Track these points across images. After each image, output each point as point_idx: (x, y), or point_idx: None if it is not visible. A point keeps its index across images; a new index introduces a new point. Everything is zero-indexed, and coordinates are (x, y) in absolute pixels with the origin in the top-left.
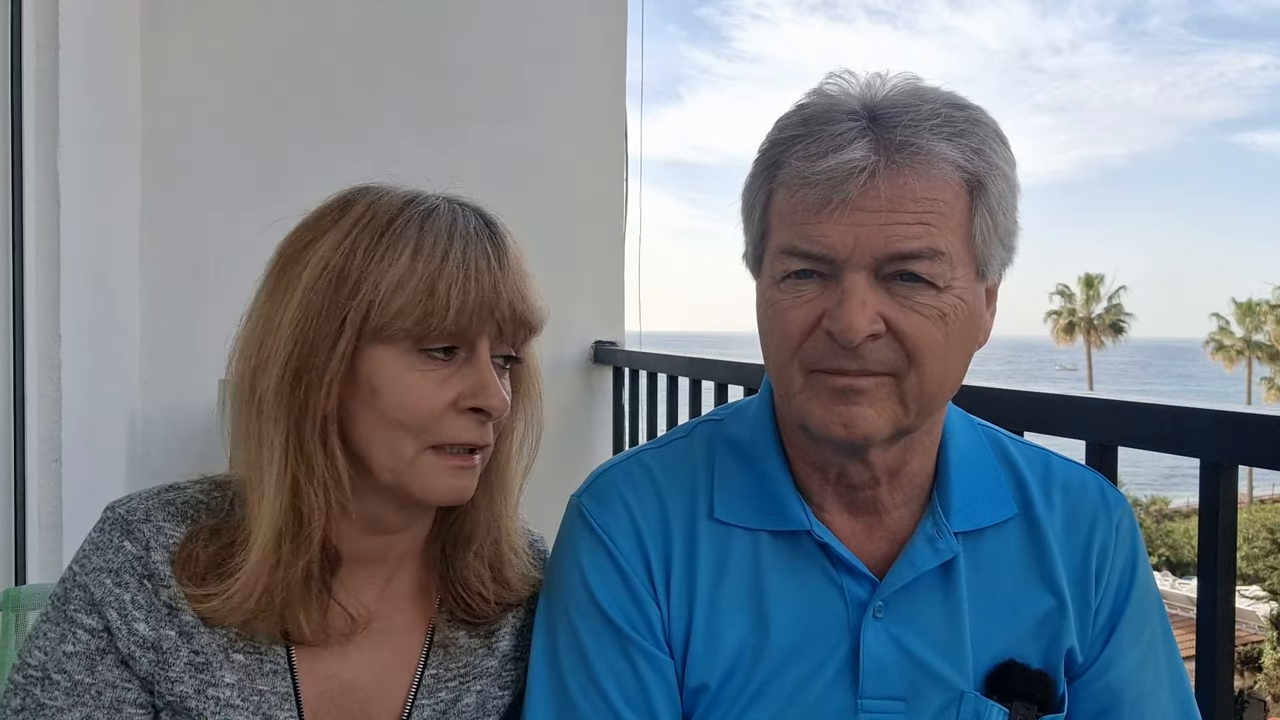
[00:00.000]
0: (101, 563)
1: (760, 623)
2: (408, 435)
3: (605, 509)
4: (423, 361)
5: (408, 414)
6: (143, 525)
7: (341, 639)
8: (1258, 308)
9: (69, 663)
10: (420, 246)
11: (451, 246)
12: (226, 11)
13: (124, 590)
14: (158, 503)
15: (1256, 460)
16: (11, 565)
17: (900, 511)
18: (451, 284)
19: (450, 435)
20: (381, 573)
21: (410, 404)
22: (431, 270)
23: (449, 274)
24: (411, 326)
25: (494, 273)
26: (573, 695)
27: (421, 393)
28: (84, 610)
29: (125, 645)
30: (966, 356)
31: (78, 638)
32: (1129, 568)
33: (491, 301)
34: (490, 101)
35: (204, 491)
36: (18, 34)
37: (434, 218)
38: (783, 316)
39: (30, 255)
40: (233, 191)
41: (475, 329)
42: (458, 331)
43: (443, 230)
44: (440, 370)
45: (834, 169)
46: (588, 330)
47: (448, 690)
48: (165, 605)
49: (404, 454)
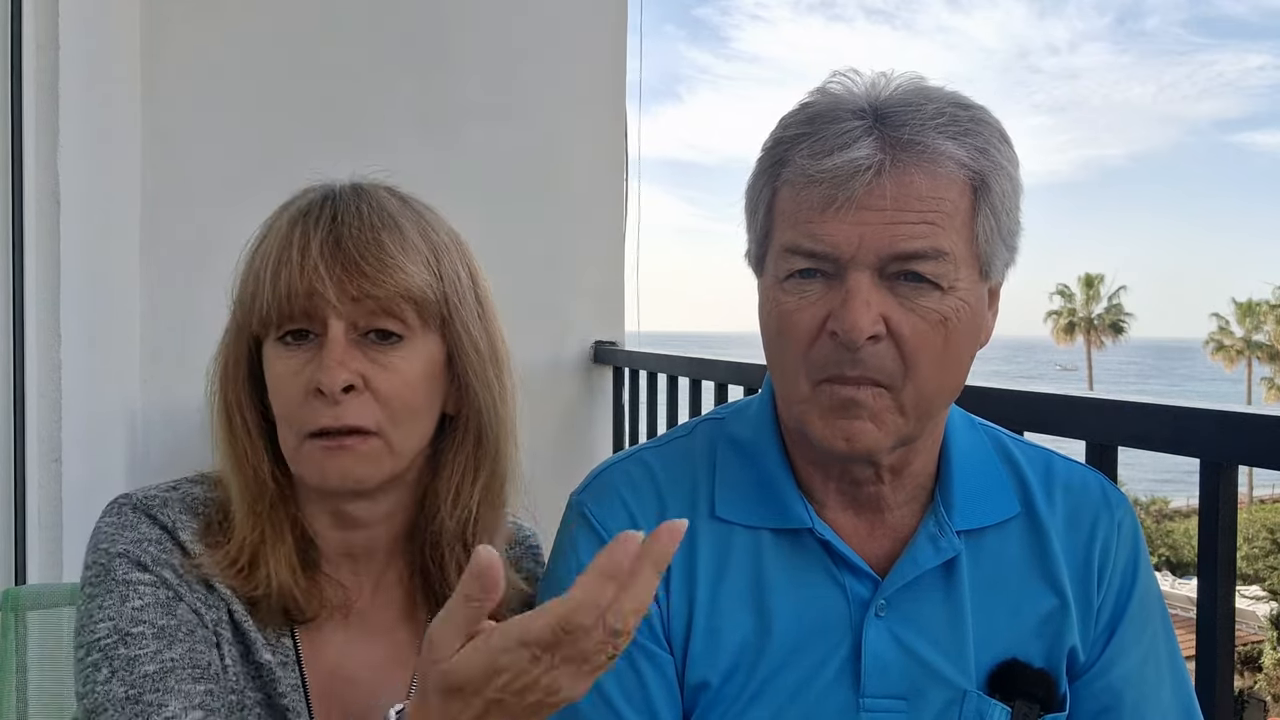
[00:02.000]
0: (136, 535)
1: (762, 621)
2: (286, 426)
3: (605, 507)
4: (283, 350)
5: (280, 405)
6: (163, 510)
7: (340, 615)
8: (1258, 308)
9: (144, 613)
10: (261, 239)
11: (293, 232)
12: (226, 12)
13: (170, 556)
14: (172, 496)
15: (1256, 460)
16: (11, 565)
17: (902, 510)
18: (265, 264)
19: (307, 420)
20: (371, 569)
21: (281, 393)
22: (259, 257)
23: (265, 254)
24: (258, 316)
25: (307, 246)
26: None
27: (284, 381)
28: (136, 570)
29: (190, 601)
30: (967, 359)
31: (141, 593)
32: (1131, 567)
33: (308, 277)
34: (490, 101)
35: (205, 489)
36: (18, 34)
37: (294, 206)
38: (789, 319)
39: (30, 255)
40: (233, 191)
41: (311, 309)
42: (288, 313)
43: (295, 218)
44: (299, 355)
45: (839, 167)
46: (588, 330)
47: None
48: (202, 582)
49: (289, 444)
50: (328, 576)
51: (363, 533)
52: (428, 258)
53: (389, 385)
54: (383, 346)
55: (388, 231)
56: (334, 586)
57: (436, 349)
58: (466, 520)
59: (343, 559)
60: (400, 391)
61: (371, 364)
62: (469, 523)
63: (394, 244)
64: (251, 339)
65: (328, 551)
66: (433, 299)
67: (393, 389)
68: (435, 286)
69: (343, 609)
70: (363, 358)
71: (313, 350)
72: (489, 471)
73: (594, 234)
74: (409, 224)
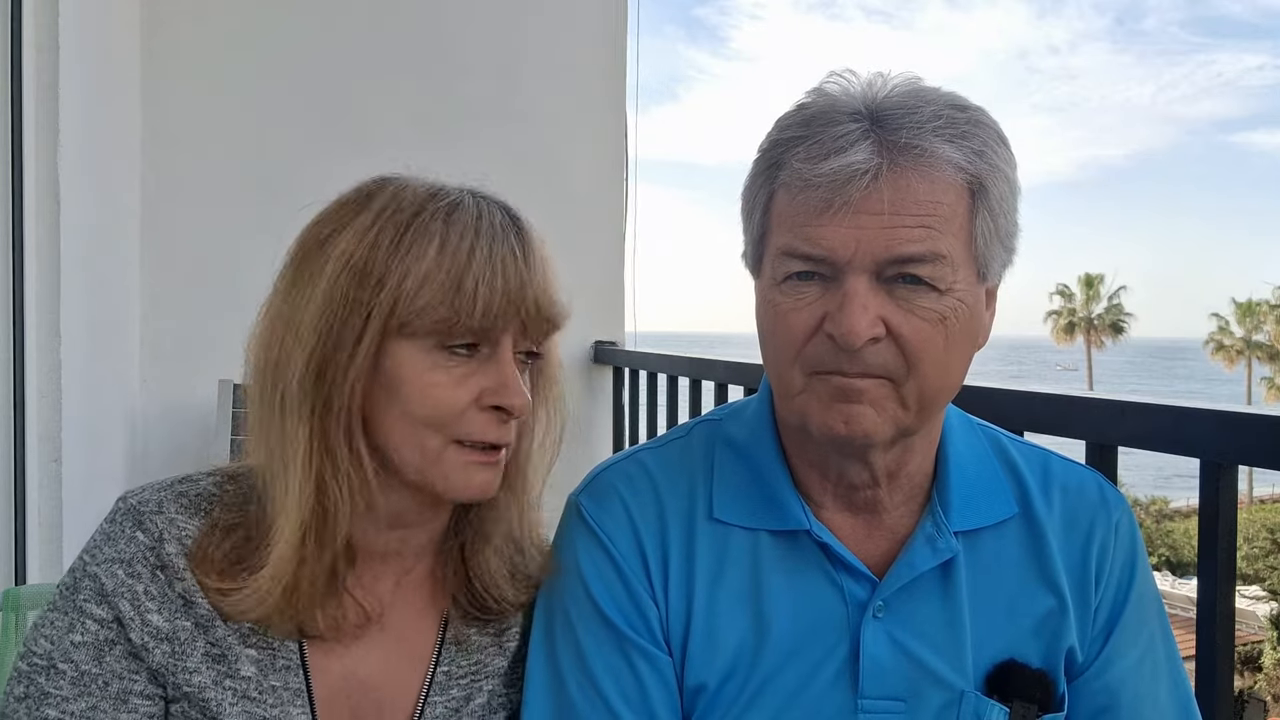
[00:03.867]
0: (113, 553)
1: (759, 622)
2: (431, 431)
3: (603, 508)
4: (446, 358)
5: (431, 410)
6: (155, 516)
7: (355, 632)
8: (1258, 308)
9: (76, 652)
10: (446, 241)
11: (478, 242)
12: (226, 12)
13: (136, 581)
14: (170, 494)
15: (1256, 460)
16: (11, 565)
17: (900, 511)
18: (479, 281)
19: (472, 432)
20: (398, 566)
21: (433, 400)
22: (459, 266)
23: (476, 270)
24: (437, 323)
25: (520, 269)
26: (571, 695)
27: (444, 389)
28: (94, 600)
29: (138, 636)
30: (967, 358)
31: (86, 628)
32: (1128, 567)
33: (518, 299)
34: (490, 102)
35: (217, 484)
36: (18, 35)
37: (459, 211)
38: (784, 320)
39: (30, 255)
40: (233, 191)
41: (500, 326)
42: (484, 329)
43: (469, 225)
44: (463, 367)
45: (836, 171)
46: (588, 330)
47: (459, 688)
48: (180, 597)
49: (428, 449)
50: (351, 598)
51: (400, 533)
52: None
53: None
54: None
55: (550, 263)
56: (355, 608)
57: None
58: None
59: (370, 559)
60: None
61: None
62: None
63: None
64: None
65: (361, 554)
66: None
67: (528, 405)
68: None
69: (359, 628)
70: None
71: (477, 364)
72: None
73: (594, 234)
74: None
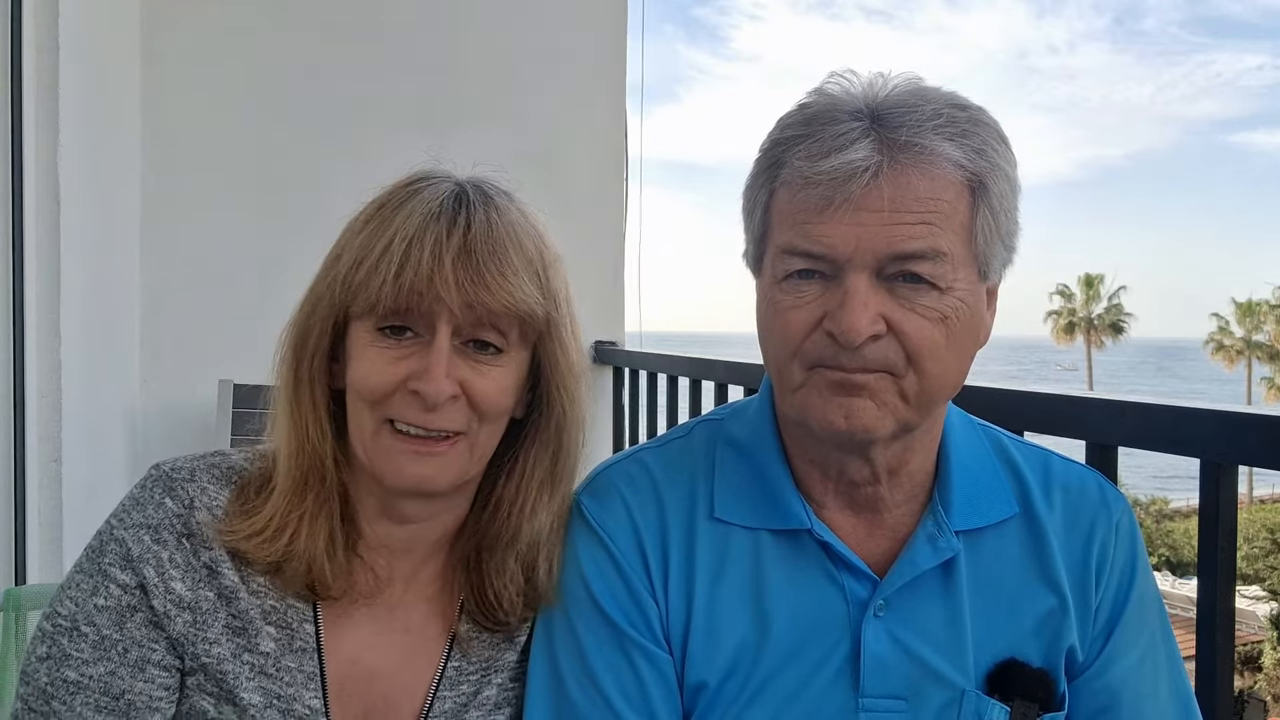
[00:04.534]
0: (141, 518)
1: (760, 621)
2: (365, 406)
3: (603, 507)
4: (381, 339)
5: (361, 384)
6: (187, 484)
7: (366, 601)
8: (1258, 308)
9: (99, 616)
10: (384, 223)
11: (408, 223)
12: (226, 13)
13: (162, 548)
14: (203, 465)
15: (1256, 460)
16: (11, 565)
17: (901, 510)
18: (391, 260)
19: (396, 414)
20: (409, 562)
21: (363, 374)
22: (381, 245)
23: (392, 249)
24: (364, 300)
25: (440, 253)
26: (571, 693)
27: (374, 367)
28: (119, 565)
29: (161, 604)
30: (968, 357)
31: (109, 592)
32: (1129, 567)
33: (434, 282)
34: (490, 102)
35: (248, 460)
36: (18, 35)
37: (416, 199)
38: (784, 316)
39: (30, 255)
40: (233, 191)
41: (424, 308)
42: (401, 308)
43: (416, 209)
44: (398, 350)
45: (837, 169)
46: (588, 330)
47: (469, 683)
48: (205, 566)
49: (364, 427)
50: (361, 560)
51: (408, 529)
52: (540, 275)
53: (485, 392)
54: (481, 356)
55: (513, 246)
56: (366, 572)
57: (526, 361)
58: (538, 537)
59: (380, 549)
60: (495, 398)
61: (470, 371)
62: (539, 539)
63: (518, 260)
64: (341, 315)
65: (369, 541)
66: (539, 317)
67: (488, 395)
68: (542, 305)
69: (369, 597)
70: (463, 364)
71: (413, 347)
72: (565, 489)
73: (594, 234)
74: (529, 239)
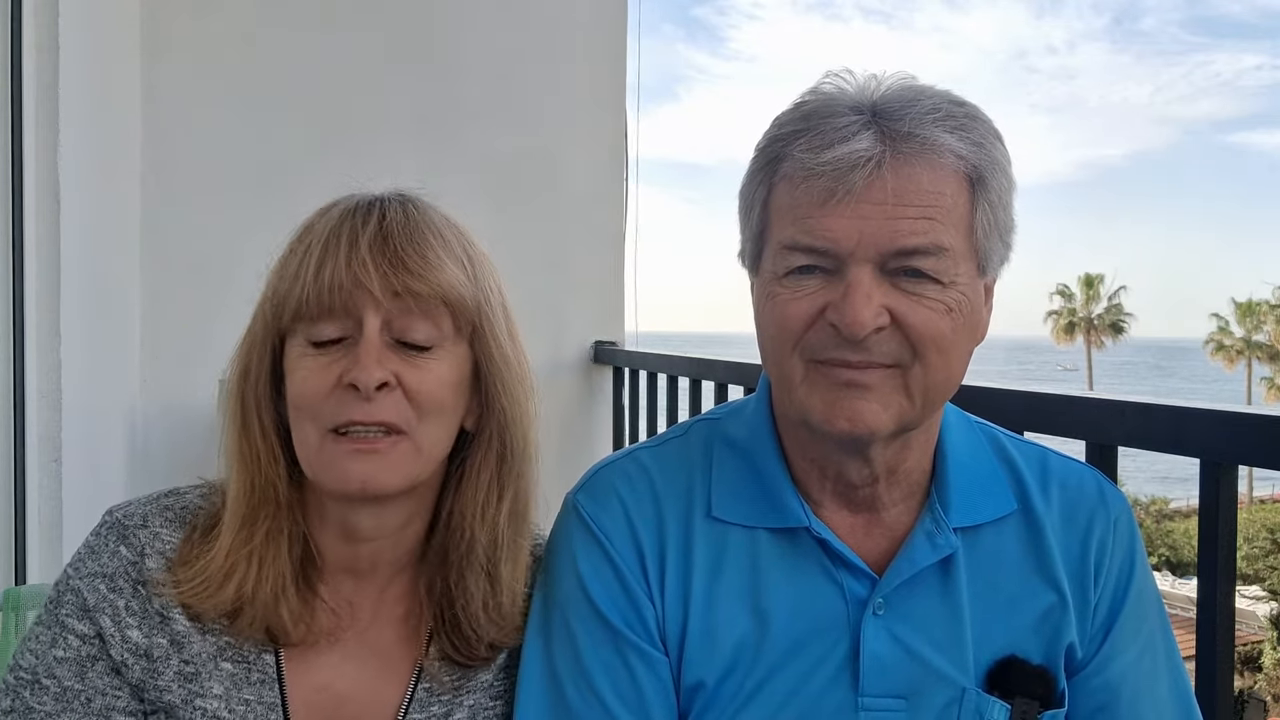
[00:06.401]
0: (96, 567)
1: (759, 620)
2: (306, 420)
3: (600, 506)
4: (314, 350)
5: (298, 395)
6: (139, 531)
7: (329, 639)
8: (1258, 308)
9: (59, 668)
10: (303, 236)
11: (325, 227)
12: (226, 13)
13: (118, 596)
14: (156, 508)
15: (1256, 460)
16: (11, 565)
17: (899, 508)
18: (310, 259)
19: (337, 415)
20: (374, 584)
21: (299, 385)
22: (301, 251)
23: (310, 250)
24: (291, 309)
25: (356, 241)
26: (566, 692)
27: (309, 374)
28: (76, 615)
29: (118, 652)
30: (968, 353)
31: (69, 643)
32: (1127, 564)
33: (353, 270)
34: (490, 102)
35: (203, 496)
36: (18, 35)
37: (337, 207)
38: (783, 309)
39: (30, 255)
40: (233, 192)
41: (349, 304)
42: (326, 306)
43: (334, 214)
44: (328, 356)
45: (839, 159)
46: (588, 330)
47: (440, 704)
48: (158, 613)
49: (309, 443)
50: (322, 601)
51: (369, 547)
52: (465, 264)
53: (421, 384)
54: (413, 353)
55: (433, 235)
56: (326, 612)
57: (465, 359)
58: (494, 545)
59: (345, 575)
60: (433, 390)
61: (403, 364)
62: (496, 547)
63: (438, 245)
64: (277, 339)
65: (331, 566)
66: (469, 304)
67: (424, 387)
68: (471, 292)
69: (332, 634)
70: (395, 358)
71: (344, 352)
72: (513, 492)
73: (594, 234)
74: (450, 233)
